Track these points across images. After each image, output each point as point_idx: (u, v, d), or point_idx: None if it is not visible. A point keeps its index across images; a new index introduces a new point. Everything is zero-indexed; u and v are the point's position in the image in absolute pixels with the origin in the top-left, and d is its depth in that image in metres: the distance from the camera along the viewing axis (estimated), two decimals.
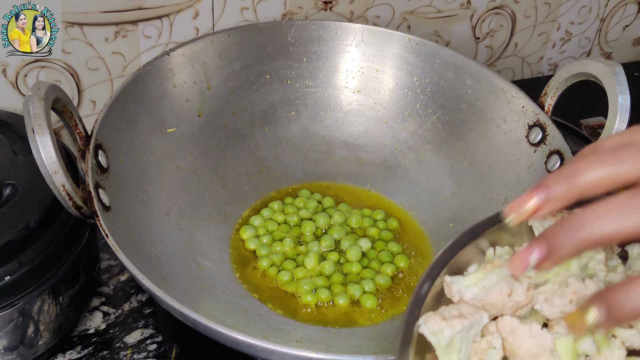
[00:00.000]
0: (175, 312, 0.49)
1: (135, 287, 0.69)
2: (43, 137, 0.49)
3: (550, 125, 0.67)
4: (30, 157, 0.53)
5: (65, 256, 0.57)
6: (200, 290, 0.60)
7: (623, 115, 0.60)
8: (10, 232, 0.52)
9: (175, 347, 0.63)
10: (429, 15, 0.92)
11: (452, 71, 0.75)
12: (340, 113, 0.79)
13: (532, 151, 0.68)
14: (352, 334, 0.60)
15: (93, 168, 0.56)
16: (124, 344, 0.64)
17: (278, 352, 0.48)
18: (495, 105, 0.72)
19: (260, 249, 0.67)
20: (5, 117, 0.64)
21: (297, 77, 0.78)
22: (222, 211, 0.70)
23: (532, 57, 1.06)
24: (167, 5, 0.76)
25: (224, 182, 0.72)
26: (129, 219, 0.59)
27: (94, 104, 0.79)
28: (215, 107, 0.73)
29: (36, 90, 0.50)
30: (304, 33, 0.76)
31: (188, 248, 0.64)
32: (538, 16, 1.00)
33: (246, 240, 0.68)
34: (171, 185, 0.67)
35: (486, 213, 0.70)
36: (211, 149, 0.73)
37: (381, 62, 0.78)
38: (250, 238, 0.68)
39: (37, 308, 0.55)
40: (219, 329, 0.48)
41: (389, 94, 0.78)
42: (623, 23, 1.09)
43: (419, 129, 0.77)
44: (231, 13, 0.80)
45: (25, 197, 0.55)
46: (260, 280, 0.65)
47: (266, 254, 0.66)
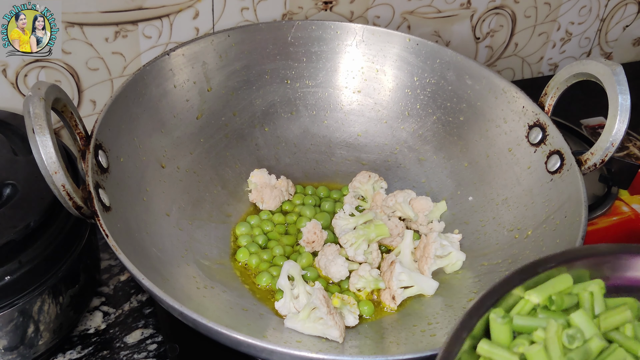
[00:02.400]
0: (175, 312, 0.49)
1: (135, 287, 0.69)
2: (43, 137, 0.49)
3: (550, 125, 0.67)
4: (30, 157, 0.53)
5: (65, 256, 0.57)
6: (200, 290, 0.60)
7: (623, 115, 0.60)
8: (10, 232, 0.52)
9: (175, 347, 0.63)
10: (429, 15, 0.92)
11: (452, 71, 0.75)
12: (340, 113, 0.79)
13: (532, 151, 0.68)
14: (352, 334, 0.60)
15: (93, 168, 0.56)
16: (124, 344, 0.64)
17: (278, 352, 0.48)
18: (496, 106, 0.72)
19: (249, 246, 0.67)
20: (5, 117, 0.64)
21: (297, 77, 0.78)
22: (222, 211, 0.70)
23: (532, 57, 1.06)
24: (167, 5, 0.76)
25: (224, 182, 0.72)
26: (129, 219, 0.59)
27: (94, 104, 0.79)
28: (215, 107, 0.73)
29: (36, 90, 0.50)
30: (304, 33, 0.76)
31: (188, 248, 0.64)
32: (538, 16, 1.00)
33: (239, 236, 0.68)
34: (171, 185, 0.67)
35: (486, 213, 0.70)
36: (211, 149, 0.73)
37: (381, 62, 0.78)
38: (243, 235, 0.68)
39: (37, 308, 0.55)
40: (219, 329, 0.48)
41: (389, 94, 0.78)
42: (623, 23, 1.09)
43: (419, 129, 0.77)
44: (231, 13, 0.80)
45: (25, 197, 0.55)
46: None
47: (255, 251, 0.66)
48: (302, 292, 0.61)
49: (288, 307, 0.60)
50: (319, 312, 0.57)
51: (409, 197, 0.70)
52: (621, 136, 0.61)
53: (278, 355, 0.48)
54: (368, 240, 0.66)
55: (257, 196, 0.71)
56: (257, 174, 0.72)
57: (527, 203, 0.67)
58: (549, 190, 0.65)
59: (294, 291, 0.61)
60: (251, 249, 0.67)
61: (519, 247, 0.64)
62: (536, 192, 0.66)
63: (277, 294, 0.63)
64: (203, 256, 0.65)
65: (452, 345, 0.39)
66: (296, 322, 0.58)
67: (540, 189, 0.66)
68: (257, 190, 0.72)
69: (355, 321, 0.60)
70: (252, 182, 0.72)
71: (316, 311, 0.57)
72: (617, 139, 0.61)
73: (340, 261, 0.64)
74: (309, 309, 0.58)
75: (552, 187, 0.65)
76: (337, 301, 0.60)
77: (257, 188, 0.72)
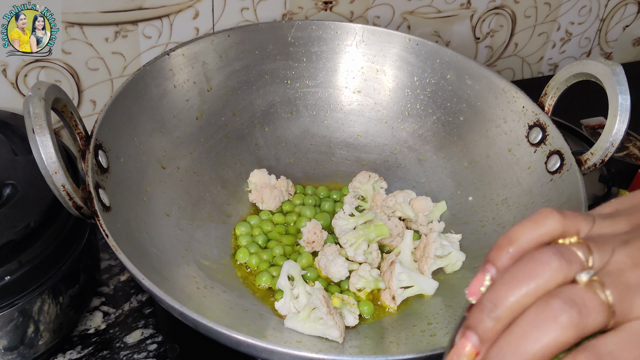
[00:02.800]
0: (175, 312, 0.49)
1: (135, 287, 0.69)
2: (43, 137, 0.49)
3: (550, 125, 0.67)
4: (30, 157, 0.53)
5: (65, 256, 0.57)
6: (200, 290, 0.60)
7: (623, 116, 0.60)
8: (10, 232, 0.52)
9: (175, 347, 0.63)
10: (429, 15, 0.92)
11: (452, 71, 0.75)
12: (340, 113, 0.79)
13: (532, 151, 0.68)
14: (352, 334, 0.60)
15: (93, 168, 0.56)
16: (124, 344, 0.64)
17: (278, 352, 0.48)
18: (496, 106, 0.72)
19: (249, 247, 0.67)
20: (5, 117, 0.64)
21: (297, 77, 0.78)
22: (222, 211, 0.70)
23: (532, 57, 1.06)
24: (167, 5, 0.76)
25: (224, 182, 0.72)
26: (129, 219, 0.59)
27: (94, 104, 0.79)
28: (215, 107, 0.73)
29: (36, 90, 0.50)
30: (304, 33, 0.76)
31: (188, 248, 0.64)
32: (538, 16, 1.00)
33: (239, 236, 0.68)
34: (171, 185, 0.67)
35: (486, 213, 0.70)
36: (211, 149, 0.73)
37: (381, 62, 0.78)
38: (243, 235, 0.68)
39: (37, 308, 0.55)
40: (219, 329, 0.48)
41: (389, 94, 0.78)
42: (623, 23, 1.09)
43: (419, 129, 0.77)
44: (231, 13, 0.80)
45: (25, 197, 0.55)
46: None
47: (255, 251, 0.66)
48: (302, 292, 0.61)
49: (288, 307, 0.60)
50: (318, 312, 0.57)
51: (409, 197, 0.70)
52: (621, 136, 0.61)
53: (278, 355, 0.48)
54: (368, 241, 0.66)
55: (257, 196, 0.71)
56: (257, 174, 0.72)
57: (527, 203, 0.67)
58: (549, 191, 0.65)
59: (293, 291, 0.61)
60: (251, 249, 0.67)
61: None
62: (536, 192, 0.66)
63: (277, 294, 0.63)
64: (203, 256, 0.65)
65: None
66: (296, 322, 0.58)
67: (540, 189, 0.66)
68: (257, 190, 0.72)
69: (355, 321, 0.60)
70: (252, 182, 0.72)
71: (316, 311, 0.57)
72: (617, 139, 0.61)
73: (340, 261, 0.64)
74: (309, 309, 0.58)
75: (552, 187, 0.65)
76: (337, 301, 0.60)
77: (257, 188, 0.72)
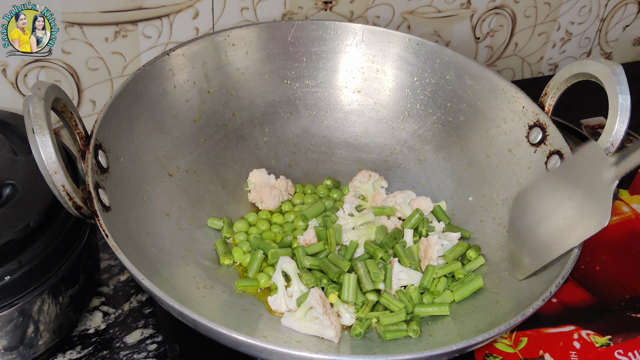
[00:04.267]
0: (175, 312, 0.49)
1: (135, 287, 0.69)
2: (43, 137, 0.49)
3: (550, 125, 0.67)
4: (30, 157, 0.53)
5: (65, 256, 0.57)
6: (200, 290, 0.60)
7: (623, 116, 0.60)
8: (10, 232, 0.52)
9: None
10: (429, 15, 0.92)
11: (452, 71, 0.75)
12: (340, 113, 0.79)
13: (532, 151, 0.68)
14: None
15: (93, 168, 0.56)
16: (124, 344, 0.64)
17: (278, 352, 0.48)
18: (496, 106, 0.72)
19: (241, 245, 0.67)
20: (5, 117, 0.64)
21: (297, 77, 0.78)
22: (222, 211, 0.70)
23: (532, 57, 1.06)
24: (167, 5, 0.76)
25: (223, 182, 0.72)
26: (129, 219, 0.59)
27: (94, 104, 0.79)
28: (215, 107, 0.73)
29: (36, 90, 0.50)
30: (304, 33, 0.76)
31: (188, 248, 0.64)
32: (538, 16, 1.00)
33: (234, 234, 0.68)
34: (171, 185, 0.67)
35: (486, 213, 0.70)
36: (211, 149, 0.73)
37: (381, 62, 0.78)
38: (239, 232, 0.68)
39: (37, 308, 0.55)
40: (219, 329, 0.48)
41: (389, 94, 0.78)
42: (623, 23, 1.09)
43: (419, 129, 0.77)
44: (231, 13, 0.80)
45: (25, 197, 0.55)
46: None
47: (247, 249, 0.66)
48: (296, 289, 0.61)
49: (279, 303, 0.60)
50: (314, 312, 0.57)
51: (408, 198, 0.70)
52: (621, 136, 0.61)
53: (278, 355, 0.48)
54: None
55: (256, 196, 0.71)
56: (256, 174, 0.72)
57: None
58: None
59: (288, 289, 0.61)
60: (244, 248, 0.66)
61: None
62: None
63: (273, 290, 0.63)
64: (203, 256, 0.65)
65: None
66: (293, 320, 0.58)
67: None
68: (256, 190, 0.72)
69: (352, 320, 0.60)
70: (251, 182, 0.72)
71: (312, 311, 0.58)
72: (617, 139, 0.61)
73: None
74: (305, 309, 0.58)
75: None
76: (332, 297, 0.60)
77: (256, 188, 0.72)
